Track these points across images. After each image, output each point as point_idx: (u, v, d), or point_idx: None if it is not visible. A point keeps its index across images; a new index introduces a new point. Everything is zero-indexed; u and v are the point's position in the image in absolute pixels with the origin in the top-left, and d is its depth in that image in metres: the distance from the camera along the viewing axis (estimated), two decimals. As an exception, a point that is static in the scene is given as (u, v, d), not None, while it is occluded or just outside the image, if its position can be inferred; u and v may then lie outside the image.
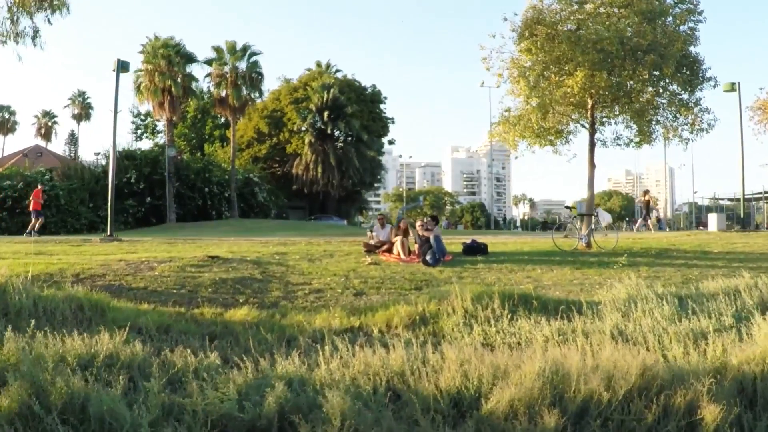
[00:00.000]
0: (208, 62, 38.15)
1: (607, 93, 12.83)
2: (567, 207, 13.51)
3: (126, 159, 36.54)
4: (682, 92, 13.76)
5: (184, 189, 36.78)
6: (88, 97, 77.43)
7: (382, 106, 52.20)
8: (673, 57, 12.21)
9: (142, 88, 35.60)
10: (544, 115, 13.64)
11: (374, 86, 52.07)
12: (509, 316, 6.73)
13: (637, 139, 15.37)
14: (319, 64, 53.73)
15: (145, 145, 52.98)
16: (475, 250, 12.27)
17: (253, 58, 38.65)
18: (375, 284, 8.99)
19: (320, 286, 8.85)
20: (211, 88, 38.66)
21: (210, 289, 8.55)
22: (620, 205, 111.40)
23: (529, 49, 13.36)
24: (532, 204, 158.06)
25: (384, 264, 10.97)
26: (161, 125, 60.02)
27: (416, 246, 11.83)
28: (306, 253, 12.31)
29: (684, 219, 62.78)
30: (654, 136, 14.15)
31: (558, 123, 14.96)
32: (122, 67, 18.21)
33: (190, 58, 36.46)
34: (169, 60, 35.21)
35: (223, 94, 38.07)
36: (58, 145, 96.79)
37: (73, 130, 79.56)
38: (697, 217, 54.77)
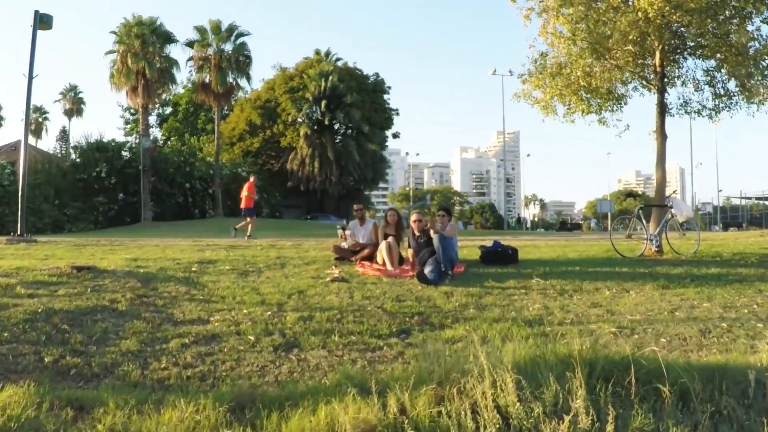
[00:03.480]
0: (190, 44, 34.20)
1: (697, 19, 8.62)
2: (630, 195, 9.28)
3: (97, 151, 32.73)
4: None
5: (162, 184, 32.86)
6: (80, 92, 73.82)
7: (385, 97, 48.01)
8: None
9: (114, 71, 31.76)
10: (597, 60, 9.53)
11: (377, 75, 47.92)
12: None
13: (712, 104, 11.23)
14: (318, 52, 49.62)
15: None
16: (500, 257, 8.14)
17: (241, 40, 34.71)
18: (326, 323, 4.88)
19: (222, 327, 4.76)
20: (193, 73, 34.72)
21: (7, 334, 4.50)
22: (636, 205, 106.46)
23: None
24: (543, 205, 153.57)
25: (358, 280, 6.87)
26: (153, 119, 56.55)
27: (410, 251, 7.74)
28: (247, 261, 8.24)
29: (701, 219, 57.90)
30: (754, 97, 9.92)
31: (609, 80, 10.82)
32: (42, 21, 14.25)
33: (168, 38, 32.57)
34: (143, 40, 31.34)
35: (207, 79, 34.11)
36: (49, 142, 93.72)
37: (64, 126, 76.02)
38: (732, 216, 50.20)
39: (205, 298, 5.73)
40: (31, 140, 68.26)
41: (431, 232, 7.19)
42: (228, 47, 34.37)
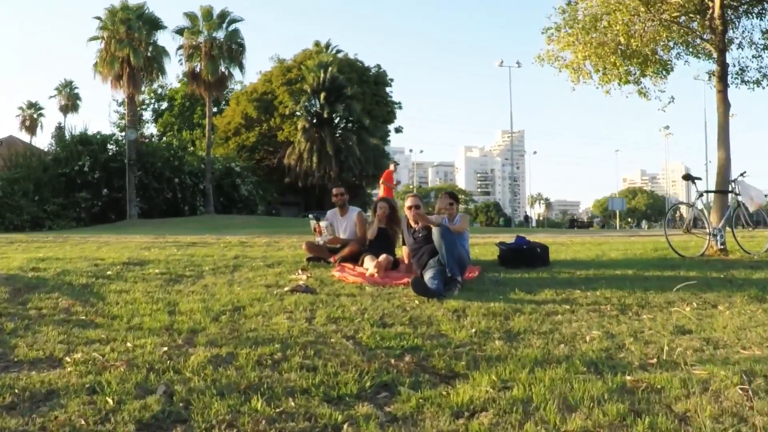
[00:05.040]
0: (179, 31, 32.26)
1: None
2: (688, 177, 7.25)
3: (80, 144, 30.84)
4: None
5: (149, 179, 30.93)
6: (75, 87, 71.91)
7: (387, 89, 45.94)
8: None
9: (98, 59, 29.88)
10: (643, 7, 7.55)
11: (378, 66, 45.87)
12: None
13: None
14: (317, 44, 47.59)
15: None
16: (525, 257, 6.14)
17: (233, 26, 32.72)
18: (252, 370, 2.88)
19: (74, 377, 2.76)
20: (183, 62, 32.74)
21: None
22: (645, 204, 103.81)
23: None
24: (548, 204, 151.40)
25: (330, 290, 4.89)
26: (148, 114, 54.81)
27: (404, 250, 5.75)
28: (192, 263, 6.29)
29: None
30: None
31: (653, 41, 8.83)
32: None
33: (155, 24, 30.61)
34: (128, 25, 29.42)
35: (198, 68, 32.17)
36: (44, 138, 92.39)
37: (60, 123, 74.15)
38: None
39: (87, 318, 3.76)
40: (26, 136, 66.59)
41: (430, 225, 5.17)
42: (220, 34, 32.45)
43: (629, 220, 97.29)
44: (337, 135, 41.30)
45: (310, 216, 6.42)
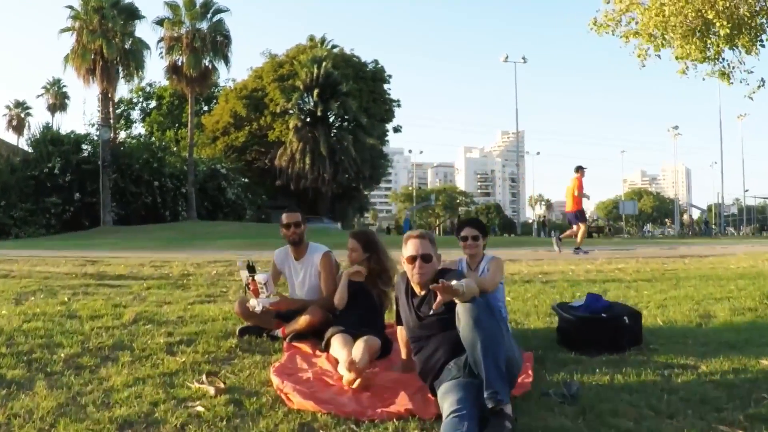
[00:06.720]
0: (159, 22, 29.85)
1: None
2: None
3: (51, 144, 28.36)
4: None
5: (126, 182, 28.47)
6: (64, 86, 69.23)
7: (385, 86, 43.46)
8: None
9: (70, 51, 27.46)
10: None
11: (376, 62, 43.40)
12: None
13: None
14: (312, 39, 45.11)
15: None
16: (608, 332, 3.61)
17: (218, 17, 30.36)
18: None
19: None
20: (164, 55, 30.26)
21: None
22: (652, 206, 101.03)
23: None
24: (549, 205, 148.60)
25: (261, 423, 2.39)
26: (136, 113, 52.30)
27: (400, 333, 3.22)
28: (46, 336, 3.79)
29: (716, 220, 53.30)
30: None
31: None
32: None
33: (132, 14, 28.22)
34: (102, 15, 26.98)
35: (179, 62, 29.74)
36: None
37: (47, 122, 71.41)
38: (759, 219, 46.42)
39: None
40: (12, 137, 64.00)
41: (452, 295, 2.63)
42: (203, 25, 30.02)
43: (632, 222, 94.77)
44: (332, 134, 38.81)
45: (239, 264, 3.71)
